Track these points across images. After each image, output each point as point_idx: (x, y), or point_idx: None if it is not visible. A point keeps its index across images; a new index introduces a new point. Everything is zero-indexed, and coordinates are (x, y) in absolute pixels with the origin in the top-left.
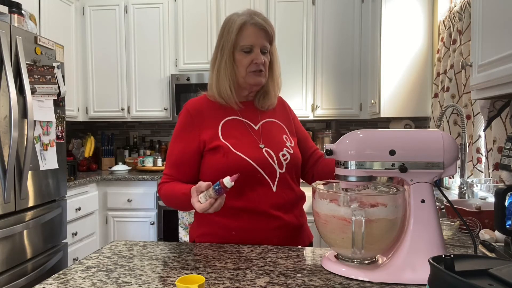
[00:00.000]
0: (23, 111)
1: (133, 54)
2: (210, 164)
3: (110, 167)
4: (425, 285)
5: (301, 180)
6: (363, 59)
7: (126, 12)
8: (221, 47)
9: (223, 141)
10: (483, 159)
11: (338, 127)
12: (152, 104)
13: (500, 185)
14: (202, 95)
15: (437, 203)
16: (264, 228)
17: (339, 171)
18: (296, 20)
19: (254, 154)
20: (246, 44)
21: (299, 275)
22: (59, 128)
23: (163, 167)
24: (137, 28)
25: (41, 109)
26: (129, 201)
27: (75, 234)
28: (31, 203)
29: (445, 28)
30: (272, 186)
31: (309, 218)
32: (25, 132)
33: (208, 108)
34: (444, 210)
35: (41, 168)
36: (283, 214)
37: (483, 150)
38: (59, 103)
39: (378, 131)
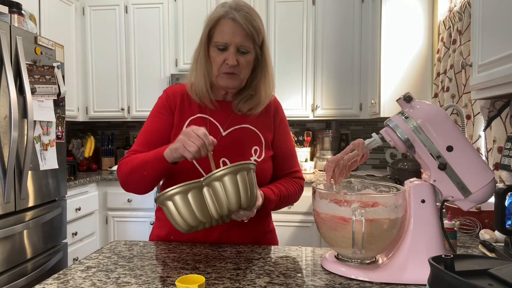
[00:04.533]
0: (23, 111)
1: (133, 54)
2: None
3: (110, 167)
4: (425, 285)
5: (300, 181)
6: (363, 59)
7: (126, 12)
8: (200, 41)
9: None
10: (483, 159)
11: (338, 127)
12: (152, 104)
13: (500, 185)
14: (183, 84)
15: (437, 203)
16: (219, 227)
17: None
18: (296, 20)
19: (207, 164)
20: (220, 41)
21: (299, 275)
22: (59, 128)
23: None
24: (137, 28)
25: (41, 109)
26: (129, 201)
27: (75, 234)
28: (31, 203)
29: (445, 28)
30: None
31: (310, 218)
32: (25, 132)
33: (184, 99)
34: (444, 210)
35: (41, 168)
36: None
37: (483, 150)
38: (59, 103)
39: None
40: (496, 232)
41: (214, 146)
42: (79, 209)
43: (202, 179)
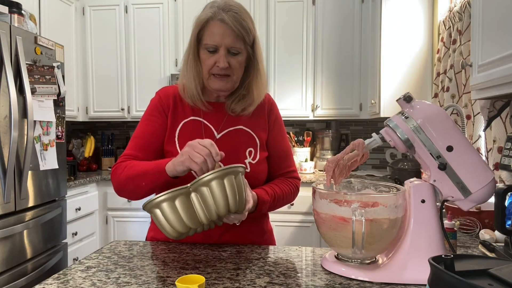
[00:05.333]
0: (23, 111)
1: (133, 54)
2: None
3: (110, 167)
4: (425, 285)
5: (295, 181)
6: (363, 59)
7: (126, 12)
8: (189, 42)
9: (176, 147)
10: (483, 159)
11: (338, 127)
12: None
13: (500, 185)
14: (175, 86)
15: (437, 203)
16: (216, 231)
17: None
18: (296, 20)
19: None
20: (210, 43)
21: (299, 275)
22: (59, 128)
23: None
24: (137, 28)
25: (41, 109)
26: (129, 201)
27: (75, 234)
28: (31, 203)
29: (445, 28)
30: None
31: (310, 218)
32: (25, 132)
33: (176, 101)
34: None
35: (41, 168)
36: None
37: (483, 150)
38: (59, 103)
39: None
40: (496, 232)
41: (222, 158)
42: (79, 209)
43: (189, 184)
